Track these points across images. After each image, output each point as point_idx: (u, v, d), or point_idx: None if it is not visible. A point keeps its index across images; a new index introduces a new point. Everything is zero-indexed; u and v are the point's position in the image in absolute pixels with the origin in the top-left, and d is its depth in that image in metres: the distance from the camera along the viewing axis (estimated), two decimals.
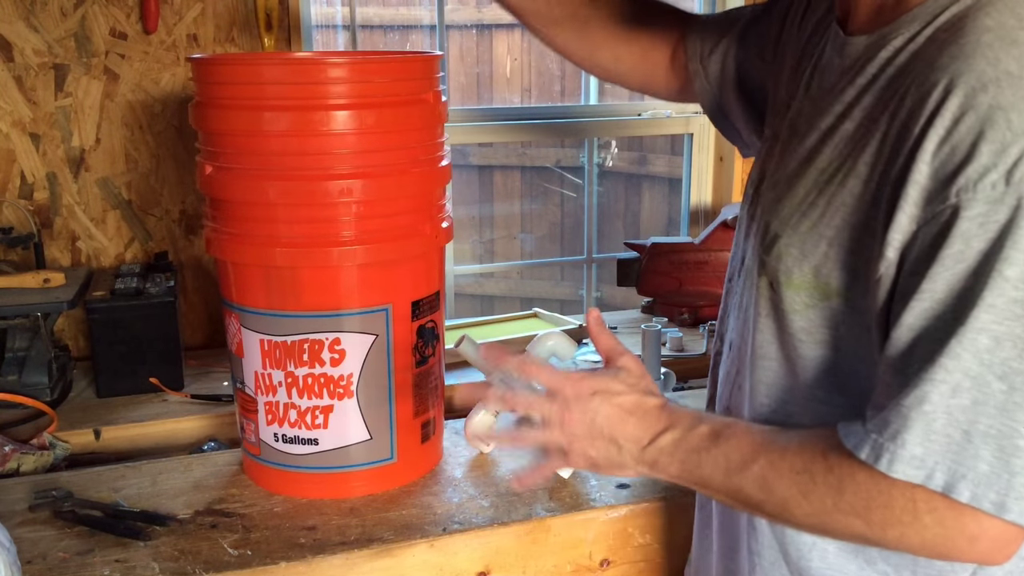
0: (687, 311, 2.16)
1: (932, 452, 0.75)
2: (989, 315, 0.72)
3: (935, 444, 0.75)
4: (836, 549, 0.91)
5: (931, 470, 0.75)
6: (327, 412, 1.30)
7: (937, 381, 0.74)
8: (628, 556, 1.33)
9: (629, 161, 3.78)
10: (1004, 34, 0.76)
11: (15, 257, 1.88)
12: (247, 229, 1.27)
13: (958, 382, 0.73)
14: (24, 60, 1.83)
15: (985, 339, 0.73)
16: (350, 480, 1.34)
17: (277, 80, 1.24)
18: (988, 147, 0.73)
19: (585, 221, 2.60)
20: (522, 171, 4.12)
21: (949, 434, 0.74)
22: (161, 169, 1.96)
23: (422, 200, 1.32)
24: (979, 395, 0.73)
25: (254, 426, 1.34)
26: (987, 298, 0.72)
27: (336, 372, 1.29)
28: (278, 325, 1.28)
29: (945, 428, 0.74)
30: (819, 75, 0.95)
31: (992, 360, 0.73)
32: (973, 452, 0.74)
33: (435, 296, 1.36)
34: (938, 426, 0.74)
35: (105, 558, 1.18)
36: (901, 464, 0.75)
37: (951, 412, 0.74)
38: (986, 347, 0.73)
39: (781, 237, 0.90)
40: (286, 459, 1.33)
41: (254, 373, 1.31)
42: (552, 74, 3.95)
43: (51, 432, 1.56)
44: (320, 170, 1.23)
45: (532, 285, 4.06)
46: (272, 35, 1.95)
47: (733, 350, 1.03)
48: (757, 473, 0.85)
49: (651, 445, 0.93)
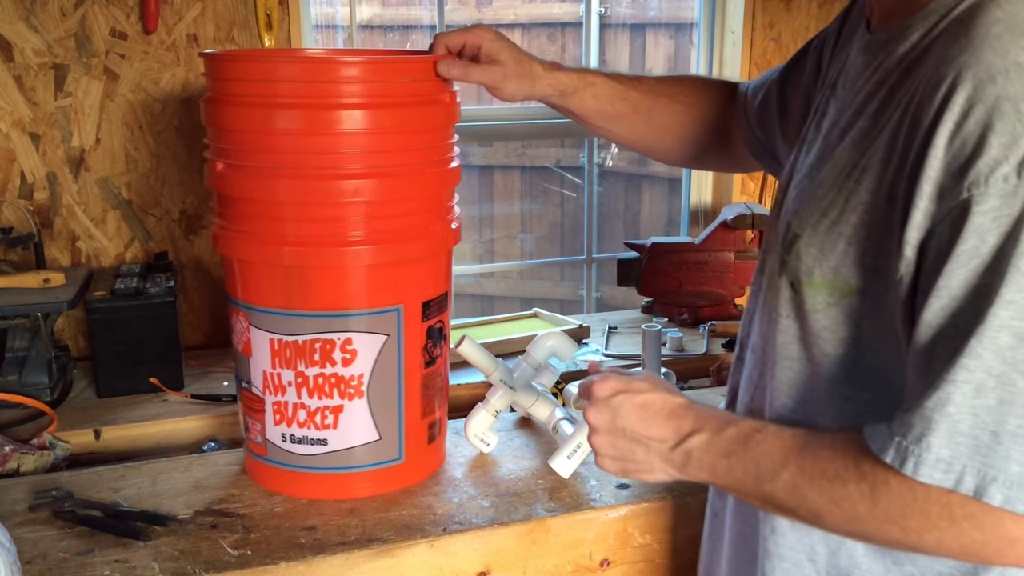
0: (687, 311, 2.16)
1: (960, 455, 0.73)
2: (1008, 312, 0.71)
3: (962, 447, 0.73)
4: (864, 549, 0.90)
5: (960, 473, 0.74)
6: (337, 412, 1.30)
7: (959, 382, 0.73)
8: (628, 556, 1.33)
9: (629, 161, 3.78)
10: (1014, 25, 0.75)
11: (15, 257, 1.88)
12: (260, 227, 1.26)
13: (982, 382, 0.72)
14: (24, 60, 1.83)
15: (1006, 336, 0.72)
16: (358, 480, 1.33)
17: (294, 78, 1.22)
18: (998, 139, 0.72)
19: (585, 221, 2.60)
20: (522, 171, 4.13)
21: (976, 435, 0.73)
22: (161, 169, 1.96)
23: (434, 200, 1.33)
24: (1004, 394, 0.72)
25: (260, 426, 1.33)
26: (1005, 294, 0.71)
27: (347, 372, 1.28)
28: (289, 324, 1.27)
29: (972, 430, 0.73)
30: (844, 75, 0.96)
31: (1015, 358, 0.72)
32: (1004, 453, 0.72)
33: (444, 297, 1.36)
34: (964, 427, 0.73)
35: (105, 558, 1.18)
36: (927, 467, 0.74)
37: (976, 413, 0.73)
38: (1008, 344, 0.72)
39: (801, 237, 0.89)
40: (294, 459, 1.32)
41: (262, 372, 1.30)
42: None
43: (51, 432, 1.56)
44: (335, 169, 1.22)
45: (532, 285, 4.06)
46: (272, 35, 1.95)
47: (756, 353, 1.02)
48: (788, 480, 0.84)
49: (679, 447, 0.94)
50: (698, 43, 2.49)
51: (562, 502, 1.32)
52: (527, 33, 3.90)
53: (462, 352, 1.44)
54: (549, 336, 1.47)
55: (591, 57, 2.51)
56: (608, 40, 3.66)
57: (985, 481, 0.73)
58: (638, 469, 0.98)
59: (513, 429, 1.56)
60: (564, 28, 3.90)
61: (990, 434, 0.73)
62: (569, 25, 3.87)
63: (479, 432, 1.46)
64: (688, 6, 2.76)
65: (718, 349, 1.99)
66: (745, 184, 2.45)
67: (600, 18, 3.08)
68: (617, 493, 1.34)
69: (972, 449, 0.73)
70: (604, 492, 1.34)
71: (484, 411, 1.45)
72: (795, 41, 2.40)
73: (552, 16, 3.94)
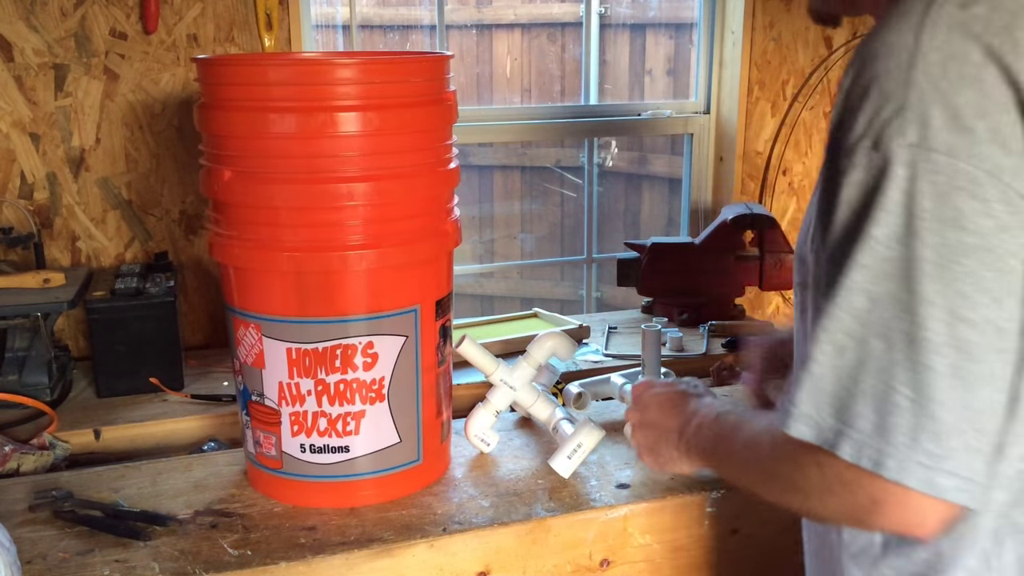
0: (687, 311, 2.15)
1: (822, 411, 0.77)
2: (861, 275, 0.74)
3: (824, 404, 0.77)
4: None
5: (820, 429, 0.77)
6: (359, 418, 1.28)
7: (822, 342, 0.77)
8: (628, 556, 1.33)
9: (629, 161, 3.78)
10: (908, 8, 0.75)
11: (15, 257, 1.88)
12: (276, 235, 1.23)
13: (842, 343, 0.76)
14: (24, 60, 1.83)
15: (862, 299, 0.74)
16: (378, 485, 1.32)
17: (296, 81, 1.22)
18: (863, 116, 0.75)
19: (585, 221, 2.60)
20: (522, 171, 4.12)
21: (836, 393, 0.76)
22: (161, 169, 1.96)
23: (443, 200, 1.33)
24: (862, 354, 0.75)
25: (275, 439, 1.30)
26: (858, 258, 0.74)
27: (368, 376, 1.27)
28: (308, 332, 1.25)
29: (832, 387, 0.76)
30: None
31: (870, 319, 0.74)
32: (857, 411, 0.75)
33: (450, 295, 1.36)
34: (825, 385, 0.77)
35: (105, 558, 1.18)
36: (795, 423, 0.78)
37: (837, 372, 0.76)
38: (863, 307, 0.74)
39: (804, 241, 0.92)
40: (314, 470, 1.30)
41: (278, 384, 1.28)
42: (552, 74, 3.94)
43: (51, 432, 1.56)
44: (348, 172, 1.21)
45: (532, 285, 4.06)
46: (272, 35, 1.95)
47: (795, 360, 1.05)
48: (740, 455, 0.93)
49: (682, 435, 1.05)
50: (698, 43, 2.49)
51: (562, 502, 1.32)
52: (527, 33, 3.90)
53: (462, 352, 1.44)
54: (549, 336, 1.47)
55: (591, 57, 2.51)
56: (608, 40, 3.65)
57: (839, 438, 0.76)
58: (666, 461, 1.10)
59: (513, 429, 1.56)
60: (564, 28, 3.90)
61: (847, 392, 0.76)
62: (569, 25, 3.86)
63: (479, 432, 1.46)
64: (688, 6, 2.76)
65: (718, 349, 1.99)
66: (745, 184, 2.45)
67: (600, 18, 3.08)
68: (617, 493, 1.34)
69: (831, 407, 0.76)
70: (604, 492, 1.34)
71: (484, 411, 1.45)
72: (795, 41, 2.40)
73: (552, 16, 3.93)
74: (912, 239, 0.72)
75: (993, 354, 0.72)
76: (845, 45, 2.44)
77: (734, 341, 1.98)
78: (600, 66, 2.77)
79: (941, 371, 0.72)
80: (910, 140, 0.72)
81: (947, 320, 0.72)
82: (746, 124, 2.41)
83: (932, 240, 0.72)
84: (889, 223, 0.73)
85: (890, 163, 0.73)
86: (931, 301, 0.72)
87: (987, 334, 0.72)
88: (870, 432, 0.74)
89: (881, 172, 0.73)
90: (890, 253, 0.73)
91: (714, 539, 1.36)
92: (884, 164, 0.73)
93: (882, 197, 0.73)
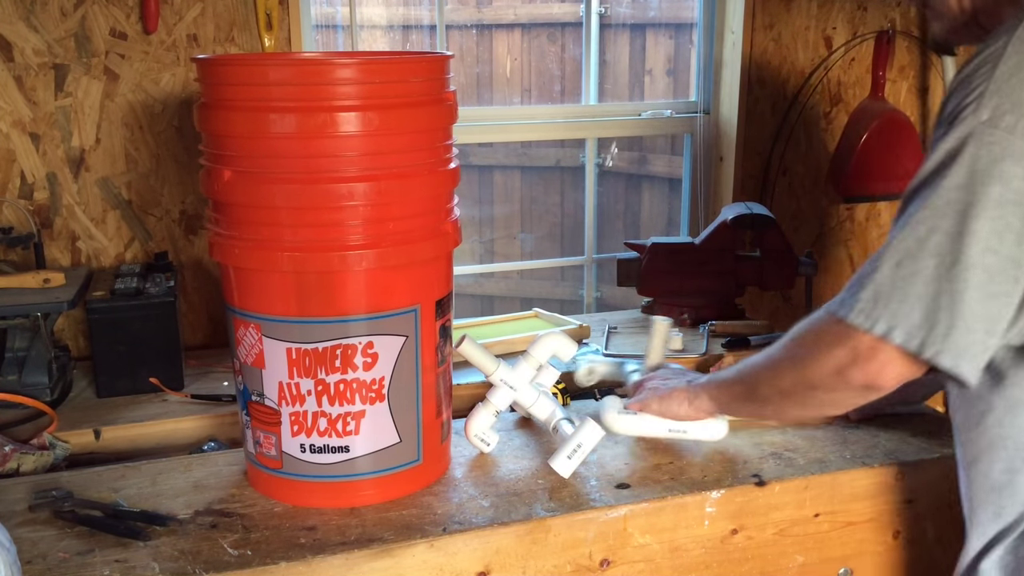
0: (687, 311, 2.15)
1: (878, 306, 1.02)
2: (928, 211, 0.99)
3: (881, 301, 1.02)
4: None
5: (876, 320, 1.02)
6: (359, 418, 1.29)
7: (887, 258, 1.02)
8: (628, 556, 1.33)
9: (629, 161, 3.77)
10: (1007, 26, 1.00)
11: (15, 257, 1.88)
12: (276, 235, 1.23)
13: (902, 260, 1.01)
14: (24, 60, 1.84)
15: (924, 229, 0.99)
16: (378, 485, 1.32)
17: (295, 81, 1.21)
18: (956, 100, 1.00)
19: (585, 221, 2.60)
20: (522, 171, 4.12)
21: (891, 295, 1.01)
22: (161, 169, 1.96)
23: (442, 200, 1.34)
24: (916, 268, 1.00)
25: (275, 439, 1.31)
26: (930, 200, 0.99)
27: (368, 376, 1.27)
28: (309, 332, 1.25)
29: (889, 291, 1.01)
30: None
31: (927, 244, 0.99)
32: (906, 310, 1.00)
33: (451, 295, 1.37)
34: (884, 288, 1.02)
35: (105, 558, 1.18)
36: (856, 314, 1.03)
37: (894, 280, 1.01)
38: (923, 235, 0.99)
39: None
40: (314, 470, 1.30)
41: (278, 384, 1.28)
42: (552, 74, 3.94)
43: (51, 432, 1.56)
44: (348, 172, 1.21)
45: (532, 285, 4.06)
46: (272, 35, 1.95)
47: None
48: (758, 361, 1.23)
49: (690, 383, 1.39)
50: (698, 43, 2.49)
51: (562, 502, 1.32)
52: (527, 33, 3.90)
53: (462, 352, 1.44)
54: (549, 336, 1.47)
55: (591, 57, 2.51)
56: (608, 40, 3.65)
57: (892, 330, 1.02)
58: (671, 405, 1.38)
59: (513, 429, 1.56)
60: (564, 28, 3.90)
61: (902, 294, 1.01)
62: (569, 25, 3.86)
63: (479, 432, 1.46)
64: (688, 6, 2.76)
65: (718, 349, 1.98)
66: (745, 184, 2.45)
67: (600, 18, 3.07)
68: (617, 493, 1.34)
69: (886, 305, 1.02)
70: (604, 492, 1.34)
71: (484, 411, 1.45)
72: (795, 41, 2.40)
73: (552, 16, 3.93)
74: (970, 189, 0.97)
75: (1010, 281, 0.98)
76: (845, 45, 2.44)
77: (734, 341, 1.98)
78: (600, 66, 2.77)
79: (973, 284, 0.97)
80: (981, 119, 0.97)
81: (981, 250, 0.97)
82: (746, 124, 2.41)
83: (982, 191, 0.96)
84: (957, 175, 0.97)
85: (967, 134, 0.97)
86: (974, 233, 0.97)
87: (1007, 264, 0.97)
88: (918, 324, 1.00)
89: (961, 141, 0.97)
90: (953, 196, 0.98)
91: (714, 539, 1.36)
92: (964, 135, 0.97)
93: (957, 157, 0.97)
